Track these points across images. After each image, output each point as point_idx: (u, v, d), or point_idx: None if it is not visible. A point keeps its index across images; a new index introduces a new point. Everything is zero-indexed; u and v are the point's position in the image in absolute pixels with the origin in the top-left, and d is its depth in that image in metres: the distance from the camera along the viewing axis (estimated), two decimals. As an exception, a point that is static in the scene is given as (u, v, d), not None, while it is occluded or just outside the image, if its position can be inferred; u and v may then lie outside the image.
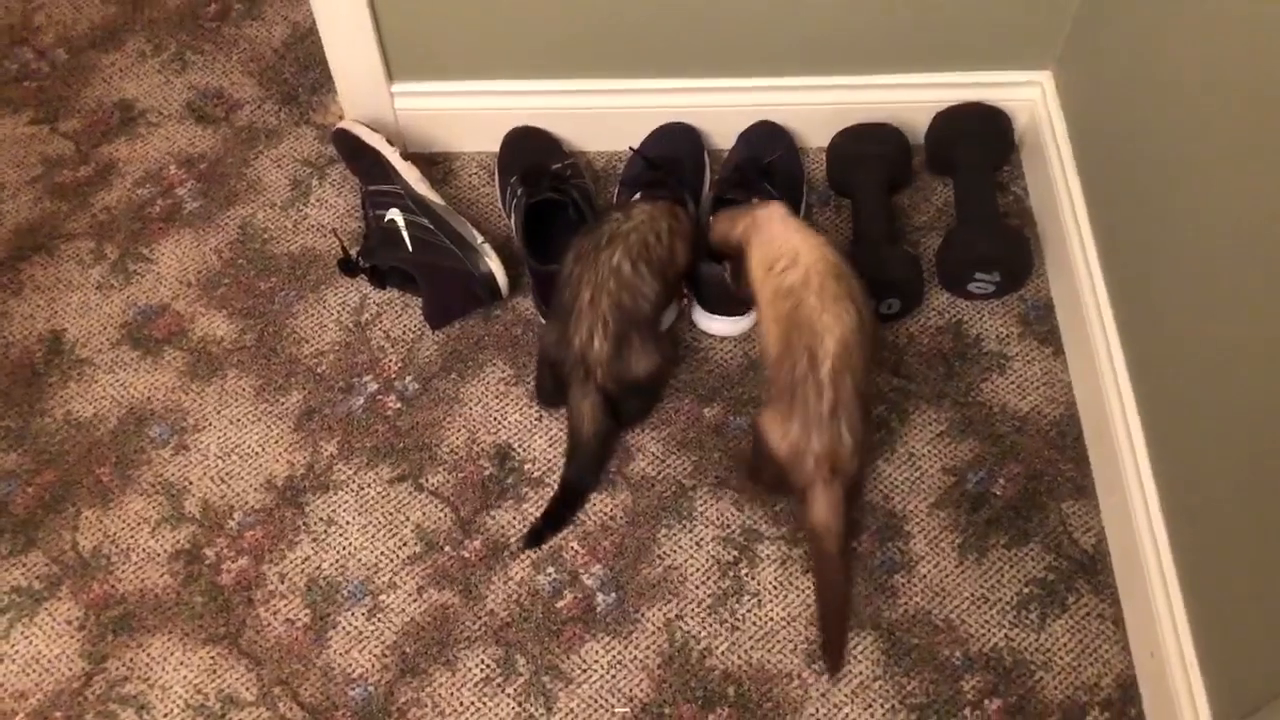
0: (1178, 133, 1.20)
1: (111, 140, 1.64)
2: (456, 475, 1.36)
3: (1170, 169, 1.21)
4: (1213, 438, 1.12)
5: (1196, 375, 1.16)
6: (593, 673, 1.25)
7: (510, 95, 1.54)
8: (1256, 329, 1.04)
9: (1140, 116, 1.29)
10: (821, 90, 1.54)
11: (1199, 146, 1.16)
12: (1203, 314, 1.14)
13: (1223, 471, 1.11)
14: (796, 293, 1.24)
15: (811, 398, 1.21)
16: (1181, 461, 1.19)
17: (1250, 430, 1.06)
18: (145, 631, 1.27)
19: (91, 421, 1.41)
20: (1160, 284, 1.24)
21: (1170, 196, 1.21)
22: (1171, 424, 1.21)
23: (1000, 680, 1.24)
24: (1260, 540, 1.04)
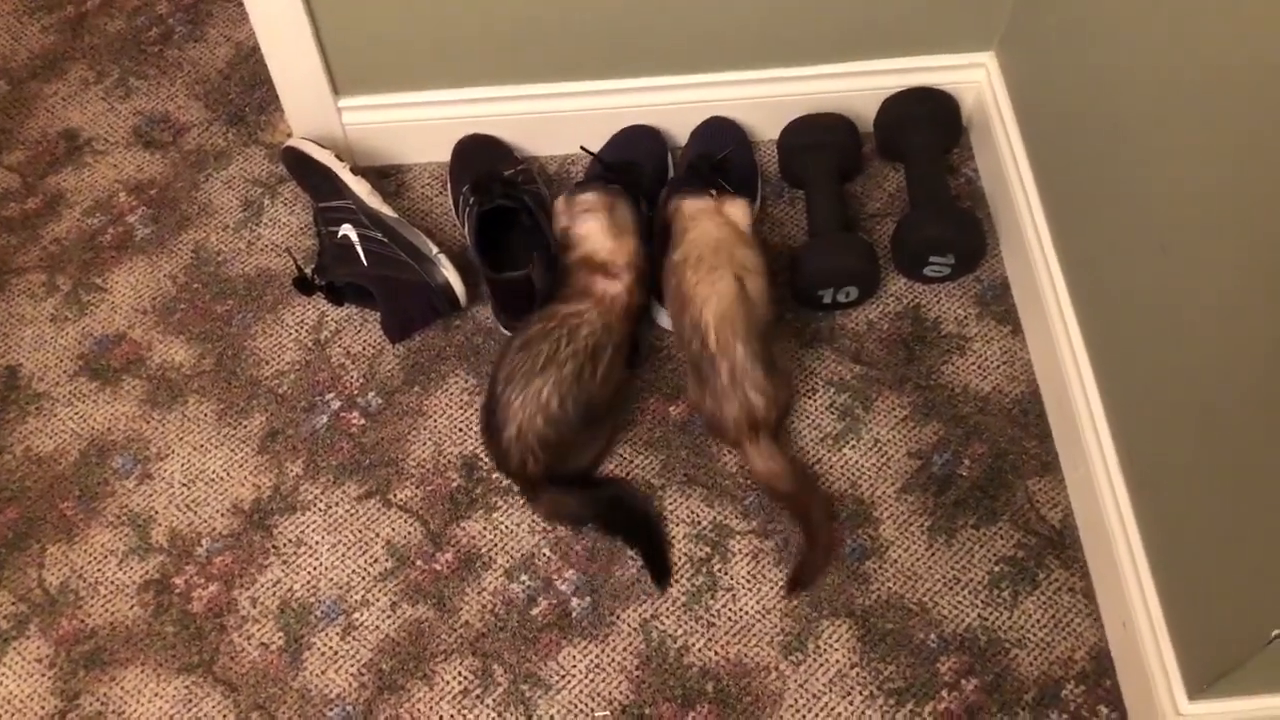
0: (1121, 107, 1.21)
1: (58, 170, 1.62)
2: (424, 488, 1.36)
3: (1115, 143, 1.23)
4: (1171, 407, 1.14)
5: (1153, 347, 1.17)
6: (571, 678, 1.25)
7: (457, 104, 1.53)
8: (1209, 297, 1.06)
9: (1083, 93, 1.30)
10: (770, 83, 1.54)
11: (1142, 120, 1.17)
12: (1155, 285, 1.16)
13: (1182, 440, 1.12)
14: (677, 270, 1.29)
15: (709, 371, 1.26)
16: (1142, 433, 1.20)
17: (1206, 398, 1.07)
18: (117, 665, 1.26)
19: (53, 456, 1.39)
20: (1113, 256, 1.25)
21: (1117, 170, 1.22)
22: (1130, 396, 1.22)
23: (976, 660, 1.24)
24: (1221, 506, 1.05)
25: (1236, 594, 1.03)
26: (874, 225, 1.54)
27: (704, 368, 1.26)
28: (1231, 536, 1.04)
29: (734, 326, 1.25)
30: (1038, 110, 1.43)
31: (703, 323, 1.25)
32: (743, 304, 1.26)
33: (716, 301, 1.25)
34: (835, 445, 1.38)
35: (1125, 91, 1.20)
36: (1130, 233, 1.20)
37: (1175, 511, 1.14)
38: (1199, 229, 1.06)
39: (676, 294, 1.29)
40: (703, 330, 1.25)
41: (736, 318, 1.25)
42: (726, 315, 1.25)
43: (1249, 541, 1.01)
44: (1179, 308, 1.11)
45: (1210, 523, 1.07)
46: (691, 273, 1.27)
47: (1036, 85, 1.44)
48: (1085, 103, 1.29)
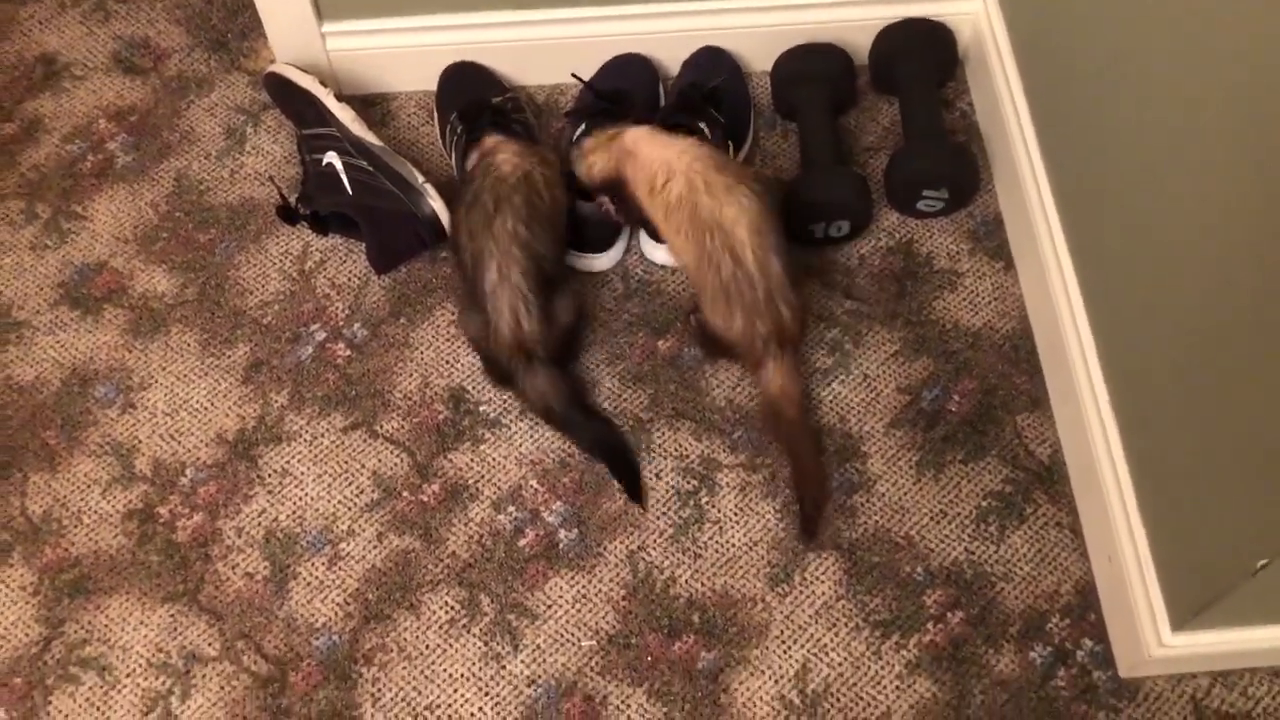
0: (1118, 41, 1.19)
1: (36, 96, 1.58)
2: (411, 420, 1.35)
3: (1112, 76, 1.21)
4: (1162, 343, 1.13)
5: (1145, 282, 1.16)
6: (558, 608, 1.25)
7: (444, 30, 1.50)
8: (1201, 233, 1.04)
9: (1081, 27, 1.27)
10: (763, 12, 1.51)
11: (1140, 55, 1.15)
12: (1149, 221, 1.14)
13: (1172, 376, 1.11)
14: (687, 200, 1.25)
15: (746, 290, 1.24)
16: (1132, 367, 1.19)
17: (1197, 332, 1.06)
18: (102, 593, 1.26)
19: (34, 385, 1.38)
20: (1107, 194, 1.23)
21: (1114, 105, 1.20)
22: (1121, 332, 1.21)
23: (962, 593, 1.25)
24: (1209, 441, 1.05)
25: (1222, 527, 1.03)
26: (867, 159, 1.52)
27: (740, 287, 1.24)
28: (1218, 470, 1.04)
29: (767, 241, 1.24)
30: (1034, 43, 1.41)
31: (736, 241, 1.23)
32: (770, 218, 1.25)
33: (748, 219, 1.23)
34: (824, 380, 1.37)
35: (1123, 25, 1.18)
36: (1127, 170, 1.18)
37: (1163, 446, 1.14)
38: (1195, 165, 1.05)
39: (693, 221, 1.25)
40: (736, 249, 1.23)
41: (768, 232, 1.24)
42: (760, 230, 1.24)
43: (1235, 475, 1.01)
44: (1173, 244, 1.10)
45: (1198, 457, 1.07)
46: (706, 196, 1.24)
47: (1034, 17, 1.41)
48: (1082, 36, 1.27)
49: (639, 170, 1.29)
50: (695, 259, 1.26)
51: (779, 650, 1.22)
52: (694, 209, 1.25)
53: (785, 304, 1.25)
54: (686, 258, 1.28)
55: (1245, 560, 0.98)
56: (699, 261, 1.26)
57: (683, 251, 1.29)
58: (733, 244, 1.23)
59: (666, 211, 1.27)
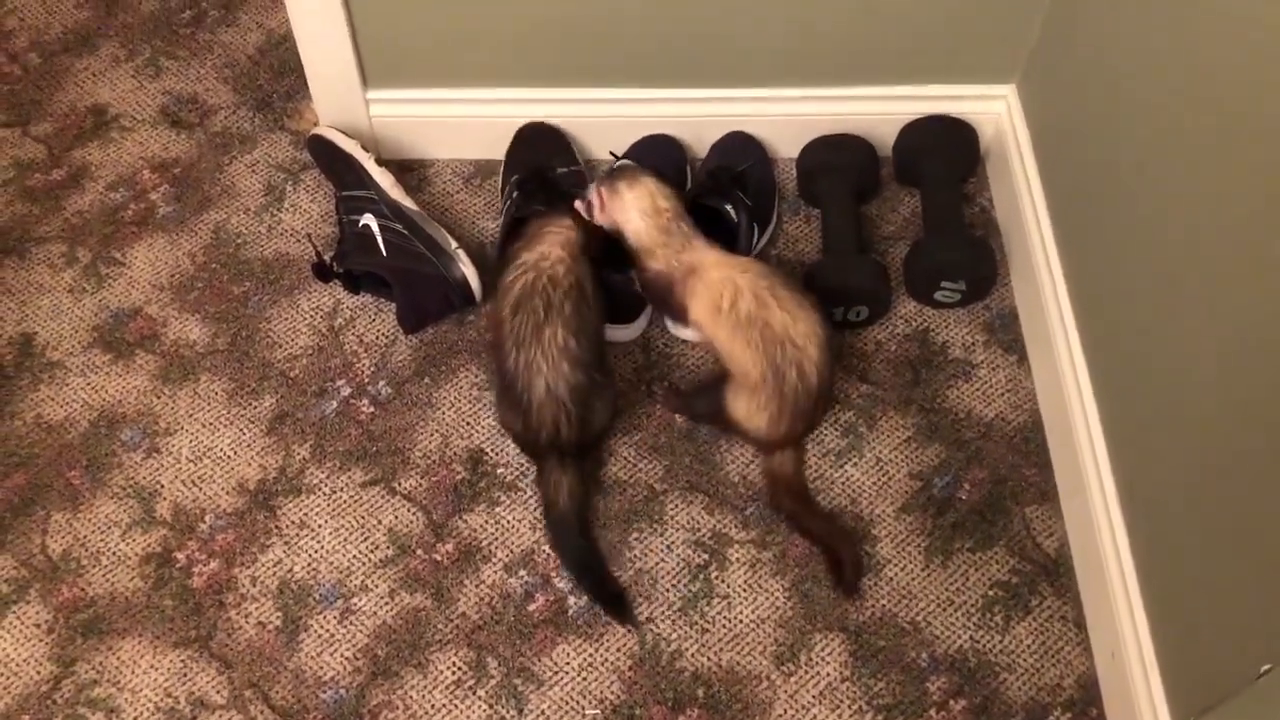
0: (1139, 146, 1.23)
1: (84, 144, 1.64)
2: (429, 479, 1.37)
3: (1132, 181, 1.24)
4: (1172, 444, 1.15)
5: (1157, 383, 1.18)
6: (564, 675, 1.26)
7: (485, 104, 1.55)
8: (1216, 338, 1.07)
9: (1102, 130, 1.32)
10: (792, 102, 1.56)
11: (1160, 160, 1.19)
12: (1164, 324, 1.17)
13: (1181, 477, 1.13)
14: (758, 317, 1.28)
15: (803, 402, 1.29)
16: (1141, 467, 1.21)
17: (1207, 436, 1.08)
18: (115, 634, 1.27)
19: (62, 424, 1.40)
20: (1122, 294, 1.27)
21: (1132, 208, 1.24)
22: (1132, 430, 1.24)
23: (965, 681, 1.26)
24: (1215, 544, 1.07)
25: (1227, 629, 1.05)
26: (888, 248, 1.56)
27: (798, 397, 1.28)
28: (1225, 572, 1.05)
29: (829, 358, 1.30)
30: (1056, 145, 1.45)
31: (806, 358, 1.27)
32: (830, 335, 1.30)
33: (818, 339, 1.28)
34: (837, 462, 1.39)
35: (1145, 131, 1.22)
36: (1143, 272, 1.22)
37: (1170, 545, 1.15)
38: (1211, 270, 1.08)
39: (765, 336, 1.27)
40: (805, 366, 1.28)
41: (830, 349, 1.30)
42: (826, 348, 1.29)
43: (1242, 577, 1.02)
44: (1185, 346, 1.13)
45: (1204, 558, 1.09)
46: (779, 313, 1.27)
47: (1056, 120, 1.46)
48: (1104, 141, 1.31)
49: (702, 293, 1.31)
50: (760, 370, 1.28)
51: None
52: (766, 324, 1.27)
53: (822, 409, 1.33)
54: (751, 369, 1.29)
55: (1249, 664, 0.99)
56: (763, 372, 1.28)
57: (747, 361, 1.29)
58: (802, 360, 1.27)
59: (735, 327, 1.28)
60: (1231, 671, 1.02)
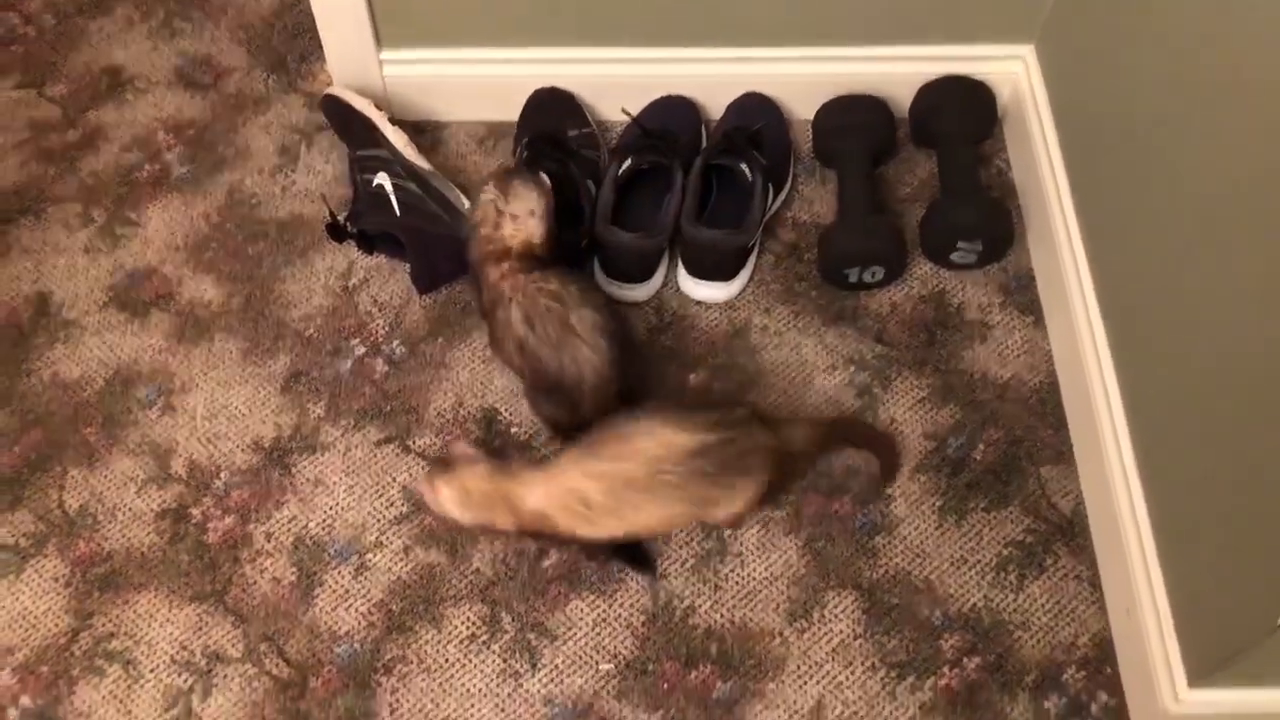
0: (1158, 106, 1.22)
1: (99, 105, 1.64)
2: (443, 437, 1.37)
3: (1151, 142, 1.23)
4: (1189, 402, 1.14)
5: (1174, 342, 1.18)
6: (577, 630, 1.26)
7: (498, 64, 1.55)
8: (1233, 297, 1.06)
9: (1121, 90, 1.31)
10: (808, 62, 1.55)
11: (1180, 119, 1.17)
12: (1182, 283, 1.16)
13: (1198, 434, 1.13)
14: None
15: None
16: (1158, 426, 1.21)
17: (1224, 393, 1.08)
18: (131, 589, 1.28)
19: (78, 382, 1.41)
20: (1140, 254, 1.26)
21: (1151, 168, 1.23)
22: (1149, 390, 1.23)
23: (979, 639, 1.26)
24: (1231, 500, 1.06)
25: (1243, 583, 1.04)
26: (903, 209, 1.55)
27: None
28: (1241, 526, 1.05)
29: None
30: (1074, 106, 1.44)
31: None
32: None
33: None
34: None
35: (1164, 92, 1.21)
36: (1162, 233, 1.21)
37: (1187, 502, 1.15)
38: (1230, 230, 1.07)
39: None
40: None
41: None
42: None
43: (1257, 533, 1.02)
44: (1204, 307, 1.12)
45: (1221, 513, 1.08)
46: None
47: (1074, 80, 1.44)
48: (1123, 101, 1.30)
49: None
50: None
51: (794, 685, 1.23)
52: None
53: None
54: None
55: (1266, 617, 0.98)
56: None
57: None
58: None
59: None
60: (1247, 625, 1.02)
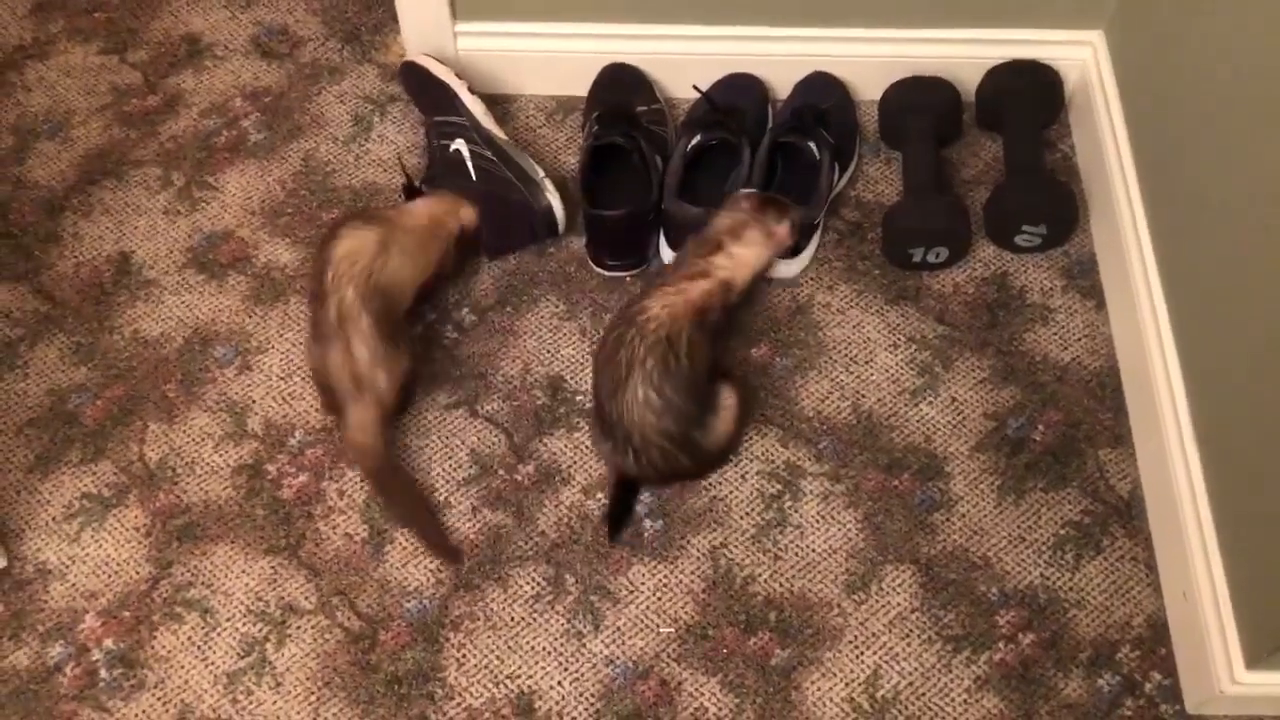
0: (1227, 95, 1.22)
1: (179, 72, 1.68)
2: (510, 403, 1.41)
3: (1219, 129, 1.24)
4: (1251, 387, 1.15)
5: (1238, 327, 1.19)
6: (639, 594, 1.29)
7: (570, 38, 1.57)
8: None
9: (1191, 77, 1.31)
10: (875, 43, 1.56)
11: (1249, 107, 1.18)
12: (1246, 271, 1.17)
13: (1261, 419, 1.14)
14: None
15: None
16: (1220, 411, 1.22)
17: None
18: (209, 540, 1.32)
19: (158, 340, 1.45)
20: (1206, 242, 1.26)
21: (1218, 156, 1.24)
22: (1212, 376, 1.24)
23: (1034, 616, 1.27)
24: (1297, 483, 1.07)
25: (1306, 567, 1.06)
26: (968, 191, 1.56)
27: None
28: (1306, 512, 1.06)
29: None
30: (1142, 92, 1.44)
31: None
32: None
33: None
34: (913, 400, 1.41)
35: (1234, 79, 1.21)
36: (1227, 220, 1.21)
37: (1247, 487, 1.16)
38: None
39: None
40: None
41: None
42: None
43: (1324, 517, 1.03)
44: (1269, 293, 1.12)
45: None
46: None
47: (1143, 67, 1.45)
48: (1192, 88, 1.31)
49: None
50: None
51: (851, 655, 1.26)
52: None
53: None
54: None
55: (1328, 599, 1.00)
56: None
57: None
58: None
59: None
60: (1309, 608, 1.03)
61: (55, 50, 1.69)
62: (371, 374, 1.29)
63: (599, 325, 1.46)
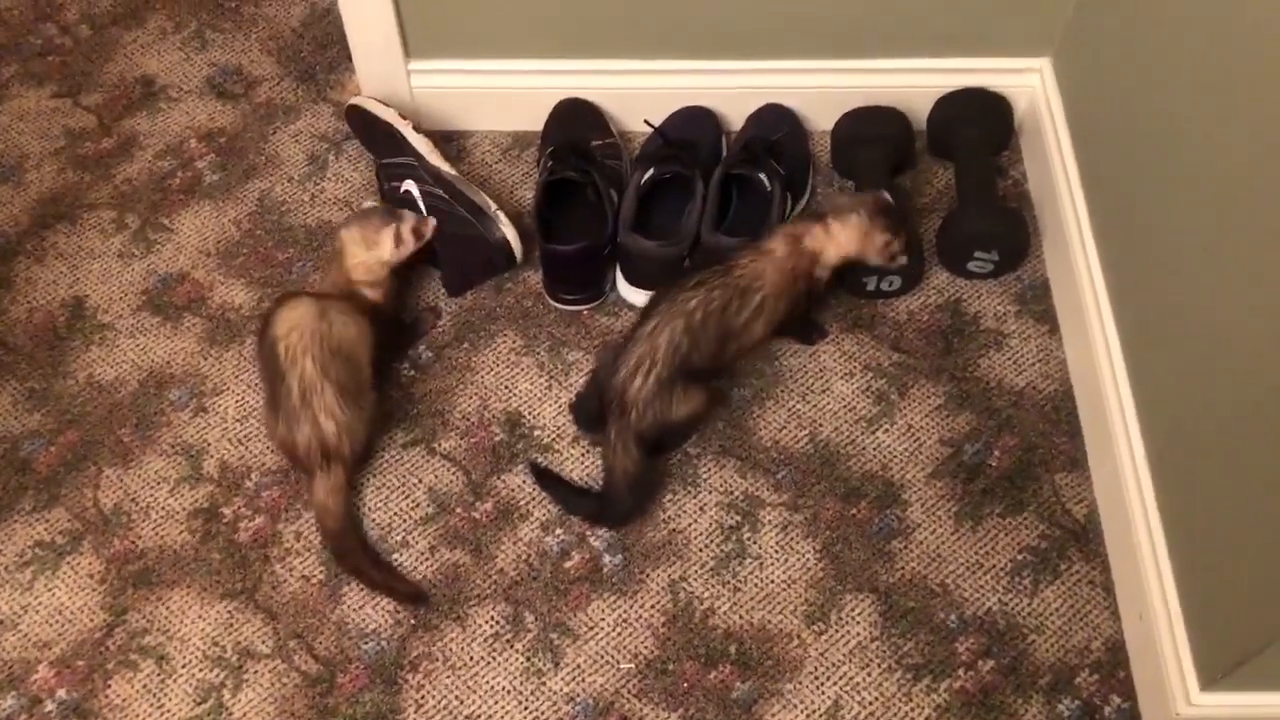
0: (1174, 118, 1.24)
1: (133, 114, 1.68)
2: (468, 440, 1.40)
3: (1166, 153, 1.25)
4: (1202, 412, 1.16)
5: (1189, 353, 1.20)
6: (599, 630, 1.29)
7: (524, 74, 1.58)
8: (1247, 306, 1.08)
9: (1137, 103, 1.33)
10: (827, 74, 1.58)
11: (1193, 132, 1.19)
12: (1195, 295, 1.18)
13: (1211, 442, 1.15)
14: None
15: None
16: (1172, 435, 1.23)
17: (1237, 401, 1.10)
18: (165, 585, 1.31)
19: (113, 384, 1.44)
20: (1156, 265, 1.28)
21: (1166, 180, 1.25)
22: (1162, 399, 1.25)
23: (994, 642, 1.28)
24: (1242, 506, 1.08)
25: (1255, 589, 1.06)
26: (921, 219, 1.57)
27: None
28: (1253, 534, 1.06)
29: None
30: (1090, 118, 1.46)
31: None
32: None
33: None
34: (869, 428, 1.41)
35: (1179, 105, 1.23)
36: (1175, 244, 1.23)
37: (1199, 509, 1.17)
38: (1244, 242, 1.09)
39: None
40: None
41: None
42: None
43: (1270, 538, 1.04)
44: (1218, 316, 1.14)
45: (1233, 521, 1.10)
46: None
47: (1090, 93, 1.47)
48: (1138, 114, 1.32)
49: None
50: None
51: (812, 686, 1.25)
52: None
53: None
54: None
55: (1277, 620, 1.00)
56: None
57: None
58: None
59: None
60: (1258, 629, 1.04)
61: (8, 94, 1.69)
62: (339, 444, 1.29)
63: (556, 360, 1.46)
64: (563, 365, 1.46)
